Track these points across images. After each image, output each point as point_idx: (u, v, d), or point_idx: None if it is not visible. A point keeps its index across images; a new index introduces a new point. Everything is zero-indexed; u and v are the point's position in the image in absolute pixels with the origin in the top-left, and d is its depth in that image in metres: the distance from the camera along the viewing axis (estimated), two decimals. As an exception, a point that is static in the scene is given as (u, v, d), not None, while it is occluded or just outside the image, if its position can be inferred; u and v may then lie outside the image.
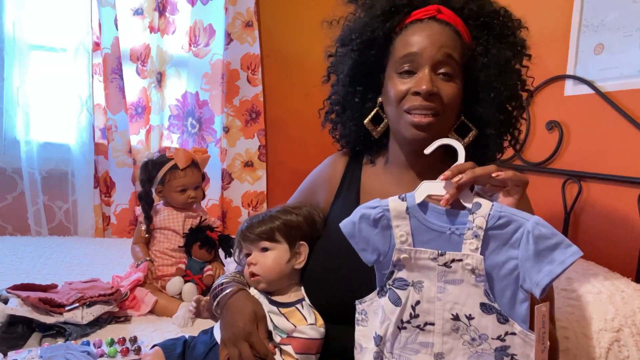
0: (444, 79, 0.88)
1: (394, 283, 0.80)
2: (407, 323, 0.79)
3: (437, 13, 0.91)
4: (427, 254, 0.78)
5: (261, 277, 0.97)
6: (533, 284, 0.72)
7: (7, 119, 2.30)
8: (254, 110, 2.66)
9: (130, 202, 2.47)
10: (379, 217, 0.80)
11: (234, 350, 0.87)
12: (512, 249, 0.74)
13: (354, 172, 1.04)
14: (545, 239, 0.70)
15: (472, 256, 0.75)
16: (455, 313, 0.77)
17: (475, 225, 0.75)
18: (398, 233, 0.79)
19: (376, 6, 0.95)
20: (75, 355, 1.05)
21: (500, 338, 0.75)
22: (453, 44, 0.88)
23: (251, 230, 1.00)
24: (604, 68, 1.62)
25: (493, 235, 0.75)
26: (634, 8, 1.53)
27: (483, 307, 0.75)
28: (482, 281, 0.75)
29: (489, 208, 0.75)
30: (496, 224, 0.74)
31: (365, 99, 0.99)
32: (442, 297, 0.77)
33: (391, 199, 0.80)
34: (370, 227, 0.81)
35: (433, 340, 0.78)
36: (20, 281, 1.43)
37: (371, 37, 0.94)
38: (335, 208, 1.03)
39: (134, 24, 2.47)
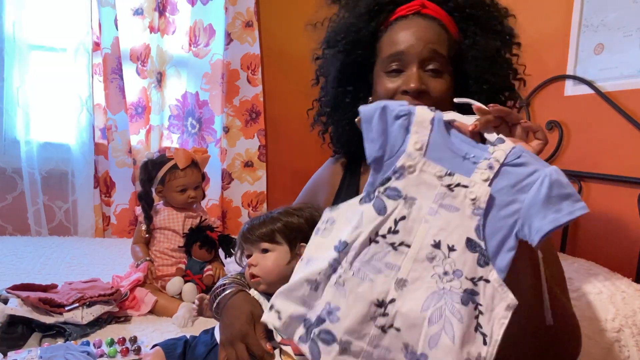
0: (432, 75, 0.87)
1: (385, 191, 0.74)
2: (382, 237, 0.72)
3: (421, 8, 0.90)
4: (435, 170, 0.73)
5: (261, 278, 0.97)
6: (534, 230, 0.67)
7: (7, 119, 2.30)
8: (254, 110, 2.66)
9: (130, 202, 2.47)
10: (402, 115, 0.75)
11: (231, 351, 0.87)
12: (520, 193, 0.70)
13: (353, 173, 1.04)
14: (560, 186, 0.67)
15: (480, 185, 0.71)
16: (438, 240, 0.71)
17: (493, 157, 0.72)
18: (414, 139, 0.75)
19: (360, 5, 0.94)
20: (75, 356, 1.05)
21: (473, 280, 0.70)
22: (439, 39, 0.88)
23: (252, 232, 1.00)
24: (604, 68, 1.62)
25: (507, 172, 0.71)
26: (634, 8, 1.53)
27: (469, 243, 0.71)
28: (478, 215, 0.71)
29: (511, 145, 0.72)
30: (514, 161, 0.71)
31: (357, 98, 0.98)
32: (430, 219, 0.72)
33: (419, 107, 0.76)
34: (390, 120, 0.76)
35: (401, 264, 0.71)
36: (20, 281, 1.43)
37: (357, 37, 0.94)
38: None
39: (134, 24, 2.47)
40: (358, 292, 0.70)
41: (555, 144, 1.75)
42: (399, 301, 0.70)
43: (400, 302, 0.70)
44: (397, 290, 0.70)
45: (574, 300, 1.22)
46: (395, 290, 0.70)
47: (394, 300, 0.70)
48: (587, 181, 1.65)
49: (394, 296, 0.70)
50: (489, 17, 0.91)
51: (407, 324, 0.69)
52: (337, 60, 0.98)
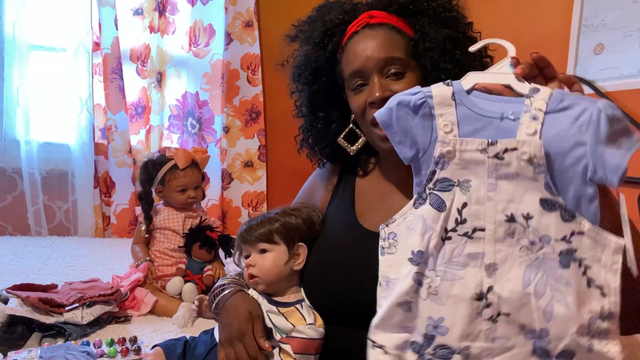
0: (394, 79, 0.88)
1: (435, 185, 0.69)
2: (453, 232, 0.68)
3: (369, 19, 0.91)
4: (475, 145, 0.67)
5: (260, 278, 0.97)
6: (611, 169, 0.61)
7: (7, 119, 2.31)
8: (254, 110, 2.66)
9: (130, 202, 2.47)
10: (420, 104, 0.71)
11: (230, 350, 0.88)
12: (579, 134, 0.62)
13: (350, 173, 1.05)
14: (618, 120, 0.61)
15: (530, 142, 0.64)
16: (510, 213, 0.66)
17: (534, 107, 0.65)
18: (442, 122, 0.69)
19: (314, 35, 0.97)
20: (75, 356, 1.05)
21: (565, 239, 0.63)
22: (391, 44, 0.89)
23: (250, 233, 1.00)
24: (604, 68, 1.62)
25: (555, 119, 0.64)
26: (634, 8, 1.53)
27: (544, 204, 0.64)
28: (542, 172, 0.64)
29: (549, 92, 0.66)
30: (559, 106, 0.65)
31: (330, 122, 1.01)
32: (493, 196, 0.66)
33: (434, 85, 0.71)
34: (409, 116, 0.71)
35: (483, 250, 0.66)
36: (20, 281, 1.43)
37: (317, 66, 0.97)
38: (332, 208, 1.04)
39: (134, 24, 2.47)
40: (454, 295, 0.67)
41: (555, 144, 1.75)
42: (497, 286, 0.66)
43: (498, 287, 0.66)
44: (490, 276, 0.66)
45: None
46: (489, 277, 0.66)
47: (492, 287, 0.66)
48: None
49: (489, 284, 0.66)
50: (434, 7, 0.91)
51: (515, 306, 0.65)
52: (305, 91, 1.01)
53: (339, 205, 1.02)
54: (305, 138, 1.08)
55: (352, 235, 0.95)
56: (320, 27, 0.96)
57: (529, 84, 0.69)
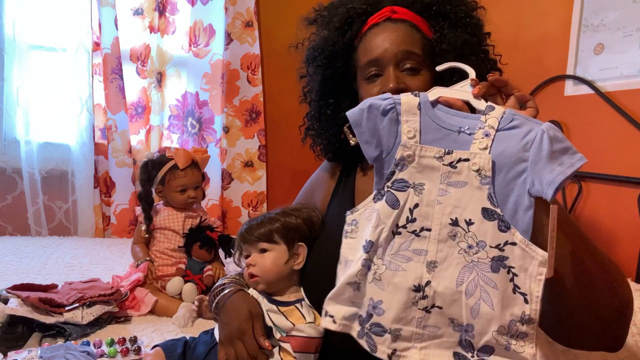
0: (409, 74, 0.90)
1: (393, 185, 0.76)
2: (403, 228, 0.76)
3: (391, 14, 0.93)
4: (433, 152, 0.75)
5: (260, 278, 0.97)
6: (546, 184, 0.68)
7: (7, 119, 2.31)
8: (254, 110, 2.66)
9: (130, 202, 2.47)
10: (389, 109, 0.77)
11: (230, 349, 0.88)
12: (523, 152, 0.71)
13: (349, 173, 1.05)
14: (558, 141, 0.69)
15: (481, 155, 0.73)
16: (454, 217, 0.74)
17: (488, 124, 0.74)
18: (406, 129, 0.76)
19: (334, 20, 0.98)
20: (75, 356, 1.05)
21: (499, 247, 0.72)
22: (411, 39, 0.90)
23: (250, 232, 1.00)
24: (604, 68, 1.62)
25: (504, 136, 0.73)
26: (634, 8, 1.53)
27: (485, 212, 0.73)
28: (487, 183, 0.73)
29: (502, 111, 0.74)
30: (508, 125, 0.73)
31: (339, 109, 1.01)
32: (442, 200, 0.74)
33: (403, 94, 0.78)
34: (378, 118, 0.77)
35: (427, 248, 0.75)
36: (20, 281, 1.43)
37: (333, 50, 0.98)
38: (332, 208, 1.04)
39: (134, 24, 2.47)
40: (395, 283, 0.75)
41: (555, 144, 1.75)
42: (434, 282, 0.74)
43: (435, 283, 0.74)
44: (430, 272, 0.74)
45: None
46: (428, 273, 0.74)
47: (429, 282, 0.74)
48: (587, 181, 1.65)
49: (428, 278, 0.74)
50: (457, 11, 0.93)
51: (447, 301, 0.73)
52: (318, 74, 1.02)
53: (339, 206, 1.02)
54: (311, 126, 1.08)
55: None
56: (342, 14, 0.97)
57: (485, 102, 0.77)
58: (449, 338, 0.75)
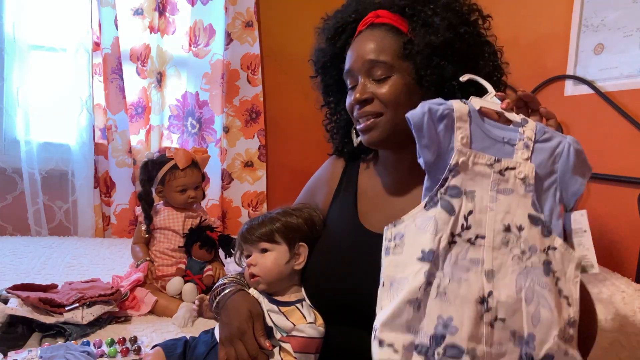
0: (379, 81, 0.90)
1: (446, 192, 0.75)
2: (458, 236, 0.74)
3: (374, 19, 0.92)
4: (485, 159, 0.77)
5: (261, 278, 0.97)
6: (571, 194, 0.76)
7: (7, 119, 2.31)
8: (254, 110, 2.66)
9: (130, 202, 2.47)
10: (446, 115, 0.77)
11: (230, 349, 0.88)
12: (554, 164, 0.77)
13: (351, 173, 1.05)
14: (582, 153, 0.76)
15: (525, 164, 0.76)
16: (507, 223, 0.75)
17: (526, 136, 0.77)
18: (459, 135, 0.77)
19: (326, 29, 1.00)
20: (75, 355, 1.05)
21: (545, 251, 0.74)
22: (380, 46, 0.89)
23: (251, 232, 1.00)
24: (604, 68, 1.62)
25: (539, 148, 0.77)
26: (634, 8, 1.53)
27: (531, 219, 0.75)
28: (530, 191, 0.76)
29: (534, 123, 0.79)
30: (542, 137, 0.78)
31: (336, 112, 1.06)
32: (494, 206, 0.75)
33: (454, 101, 0.79)
34: (435, 123, 0.77)
35: (483, 256, 0.73)
36: (20, 281, 1.43)
37: (325, 61, 1.00)
38: (333, 209, 1.04)
39: (134, 24, 2.47)
40: (462, 295, 0.71)
41: (555, 144, 1.75)
42: (496, 291, 0.72)
43: (497, 293, 0.71)
44: (490, 282, 0.72)
45: (574, 300, 1.22)
46: (489, 282, 0.72)
47: (491, 292, 0.71)
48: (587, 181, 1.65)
49: (490, 289, 0.72)
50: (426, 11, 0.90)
51: (510, 311, 0.71)
52: (320, 81, 1.07)
53: (341, 206, 1.02)
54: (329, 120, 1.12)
55: (354, 236, 0.95)
56: (333, 24, 0.99)
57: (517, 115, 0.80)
58: (511, 355, 0.71)
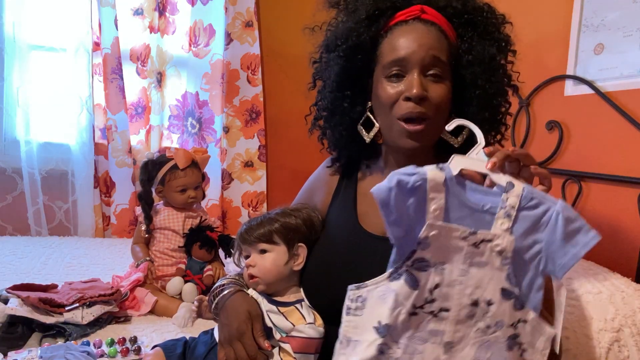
0: (433, 80, 0.87)
1: (413, 264, 0.73)
2: (420, 309, 0.73)
3: (421, 13, 0.89)
4: (458, 232, 0.73)
5: (260, 278, 0.97)
6: (558, 266, 0.71)
7: (7, 119, 2.30)
8: (254, 110, 2.66)
9: (130, 202, 2.47)
10: (417, 187, 0.73)
11: (229, 350, 0.88)
12: (538, 233, 0.73)
13: (350, 177, 1.04)
14: (572, 221, 0.71)
15: (504, 236, 0.72)
16: (475, 298, 0.73)
17: (509, 204, 0.73)
18: (432, 207, 0.73)
19: (360, 10, 0.93)
20: (75, 355, 1.05)
21: (513, 325, 0.73)
22: (439, 45, 0.87)
23: (250, 233, 1.00)
24: (604, 68, 1.62)
25: (523, 217, 0.73)
26: (634, 8, 1.53)
27: (503, 293, 0.73)
28: (507, 264, 0.72)
29: (521, 188, 0.73)
30: (528, 204, 0.73)
31: (355, 103, 0.97)
32: (463, 280, 0.73)
33: (429, 168, 0.74)
34: (405, 197, 0.74)
35: (444, 329, 0.73)
36: (20, 281, 1.43)
37: (357, 42, 0.93)
38: (333, 210, 1.03)
39: (134, 24, 2.47)
40: None
41: (555, 144, 1.75)
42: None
43: None
44: (447, 353, 0.73)
45: (573, 300, 1.22)
46: (445, 354, 0.73)
47: None
48: (587, 181, 1.65)
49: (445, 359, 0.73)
50: (487, 23, 0.91)
51: None
52: (337, 64, 0.96)
53: (340, 208, 1.01)
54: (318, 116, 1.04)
55: (353, 238, 0.95)
56: (369, 5, 0.93)
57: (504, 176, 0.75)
58: None
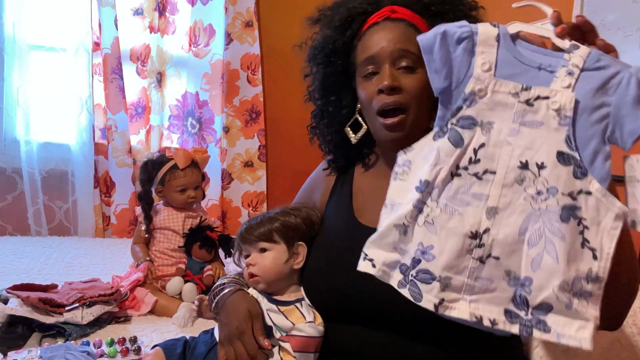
0: (404, 72, 0.89)
1: (458, 122, 0.70)
2: (464, 170, 0.69)
3: (390, 13, 0.93)
4: (508, 87, 0.69)
5: (260, 277, 0.97)
6: (626, 132, 0.65)
7: (7, 119, 2.30)
8: (254, 110, 2.66)
9: (130, 202, 2.47)
10: (465, 37, 0.71)
11: (230, 349, 0.88)
12: (606, 95, 0.66)
13: (347, 171, 1.05)
14: None
15: (562, 93, 0.67)
16: (524, 160, 0.67)
17: (572, 62, 0.68)
18: (480, 61, 0.70)
19: (335, 18, 0.99)
20: (75, 356, 1.05)
21: (571, 195, 0.65)
22: (408, 38, 0.90)
23: (250, 232, 1.00)
24: (604, 68, 1.62)
25: (589, 77, 0.67)
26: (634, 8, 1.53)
27: (560, 157, 0.66)
28: (566, 124, 0.66)
29: (587, 50, 0.68)
30: (594, 65, 0.67)
31: (340, 107, 1.02)
32: (513, 140, 0.68)
33: (481, 24, 0.72)
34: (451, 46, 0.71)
35: (489, 192, 0.68)
36: (20, 281, 1.43)
37: (333, 48, 0.98)
38: (330, 207, 1.04)
39: (134, 24, 2.47)
40: (449, 228, 0.69)
41: (555, 144, 1.75)
42: (494, 229, 0.68)
43: (495, 230, 0.68)
44: (490, 219, 0.68)
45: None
46: (488, 220, 0.68)
47: (488, 229, 0.68)
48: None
49: (487, 225, 0.68)
50: (455, 10, 0.93)
51: (506, 251, 0.67)
52: (319, 72, 1.03)
53: (337, 203, 1.02)
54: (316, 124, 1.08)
55: (350, 233, 0.95)
56: (342, 13, 0.98)
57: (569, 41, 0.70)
58: (502, 293, 0.68)
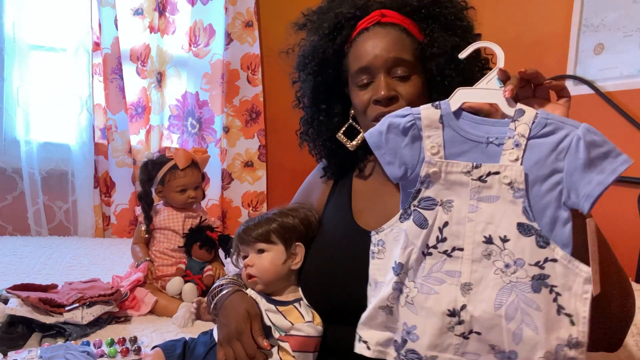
0: (400, 80, 0.89)
1: (419, 203, 0.72)
2: (433, 248, 0.71)
3: (381, 17, 0.92)
4: (459, 167, 0.71)
5: (258, 278, 0.97)
6: (582, 197, 0.65)
7: (7, 119, 2.31)
8: (254, 110, 2.66)
9: (130, 202, 2.47)
10: (409, 126, 0.73)
11: (228, 349, 0.88)
12: (557, 161, 0.67)
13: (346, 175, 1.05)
14: (597, 146, 0.65)
15: (512, 167, 0.68)
16: (488, 235, 0.69)
17: (517, 133, 0.68)
18: (429, 144, 0.73)
19: (323, 26, 0.97)
20: (75, 356, 1.05)
21: (539, 265, 0.66)
22: (401, 45, 0.89)
23: (247, 233, 1.00)
24: (604, 68, 1.62)
25: (536, 145, 0.68)
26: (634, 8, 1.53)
27: (520, 228, 0.67)
28: (521, 197, 0.67)
29: (533, 115, 0.68)
30: (541, 132, 0.68)
31: (332, 115, 1.01)
32: (473, 217, 0.70)
33: (423, 107, 0.74)
34: (398, 137, 0.74)
35: (460, 269, 0.70)
36: (20, 281, 1.43)
37: (323, 57, 0.97)
38: (328, 208, 1.04)
39: (134, 24, 2.47)
40: (427, 307, 0.71)
41: (555, 144, 1.76)
42: (470, 306, 0.69)
43: (471, 307, 0.69)
44: (465, 295, 0.70)
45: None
46: (463, 296, 0.70)
47: (465, 306, 0.69)
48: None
49: (463, 302, 0.69)
50: (446, 14, 0.92)
51: (486, 326, 0.68)
52: (309, 81, 1.01)
53: (336, 205, 1.02)
54: (305, 131, 1.08)
55: (349, 235, 0.95)
56: (331, 19, 0.96)
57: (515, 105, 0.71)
58: None
